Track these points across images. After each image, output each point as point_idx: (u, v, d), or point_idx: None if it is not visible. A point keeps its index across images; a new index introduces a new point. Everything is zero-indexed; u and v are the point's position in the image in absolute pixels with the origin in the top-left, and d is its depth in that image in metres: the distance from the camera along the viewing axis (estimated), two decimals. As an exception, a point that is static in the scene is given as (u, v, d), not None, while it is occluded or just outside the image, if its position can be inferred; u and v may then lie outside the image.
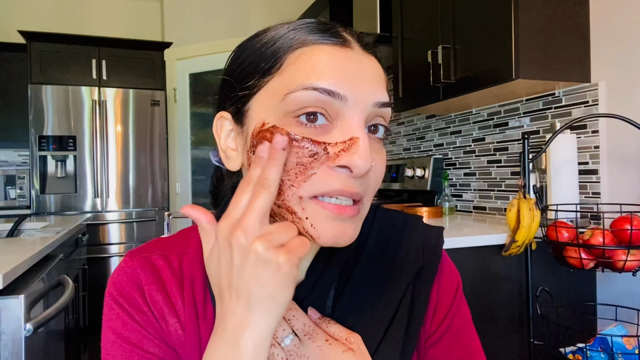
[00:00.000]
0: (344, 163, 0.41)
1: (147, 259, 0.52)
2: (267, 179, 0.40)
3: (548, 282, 1.40)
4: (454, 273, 0.58)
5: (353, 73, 0.43)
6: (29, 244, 1.46)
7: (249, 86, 0.46)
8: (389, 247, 0.53)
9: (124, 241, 3.46)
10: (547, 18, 1.46)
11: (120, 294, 0.50)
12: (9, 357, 1.06)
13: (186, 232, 0.56)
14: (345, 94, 0.42)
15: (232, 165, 0.49)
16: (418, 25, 1.97)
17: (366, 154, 0.41)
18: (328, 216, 0.42)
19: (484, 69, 1.56)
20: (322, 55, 0.43)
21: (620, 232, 1.13)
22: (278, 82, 0.44)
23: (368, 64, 0.45)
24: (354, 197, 0.43)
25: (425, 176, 2.25)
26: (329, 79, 0.42)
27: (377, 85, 0.45)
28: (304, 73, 0.42)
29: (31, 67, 3.31)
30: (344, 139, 0.42)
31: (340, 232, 0.43)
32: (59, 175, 3.37)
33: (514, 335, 1.41)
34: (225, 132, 0.50)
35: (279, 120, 0.43)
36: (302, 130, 0.42)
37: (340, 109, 0.42)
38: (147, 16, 4.21)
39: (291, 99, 0.42)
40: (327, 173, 0.42)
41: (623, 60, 1.44)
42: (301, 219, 0.43)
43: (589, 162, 1.54)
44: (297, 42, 0.44)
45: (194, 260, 0.52)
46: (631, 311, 1.29)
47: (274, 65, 0.44)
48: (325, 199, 0.42)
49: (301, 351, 0.44)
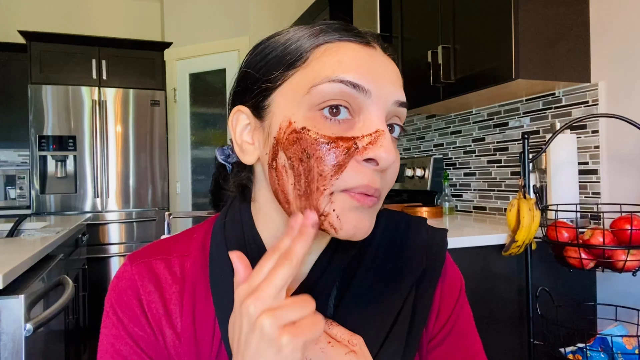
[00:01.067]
0: (372, 155, 0.42)
1: (147, 264, 0.52)
2: (292, 252, 0.39)
3: (548, 282, 1.40)
4: (457, 275, 0.58)
5: (376, 70, 0.45)
6: (29, 244, 1.46)
7: (272, 79, 0.46)
8: (393, 249, 0.53)
9: (124, 241, 3.46)
10: (547, 18, 1.46)
11: (118, 303, 0.50)
12: (9, 357, 1.06)
13: (189, 232, 0.56)
14: (369, 88, 0.43)
15: (248, 158, 0.49)
16: (418, 25, 1.97)
17: (391, 147, 0.42)
18: (353, 206, 0.43)
19: (484, 69, 1.56)
20: (348, 50, 0.45)
21: (620, 232, 1.13)
22: (303, 75, 0.44)
23: (390, 63, 0.47)
24: (375, 193, 0.44)
25: (425, 176, 2.25)
26: (355, 73, 0.43)
27: (397, 85, 0.46)
28: (330, 67, 0.43)
29: (31, 67, 3.31)
30: (369, 132, 0.43)
31: (359, 223, 0.44)
32: (59, 175, 3.37)
33: (514, 335, 1.41)
34: (241, 125, 0.50)
35: (304, 115, 0.43)
36: (326, 124, 0.43)
37: (364, 103, 0.44)
38: (147, 16, 4.21)
39: (316, 91, 0.43)
40: (355, 167, 0.43)
41: (623, 60, 1.44)
42: (328, 214, 0.43)
43: (589, 162, 1.54)
44: (322, 39, 0.45)
45: (196, 262, 0.52)
46: (631, 311, 1.29)
47: (300, 58, 0.45)
48: (351, 192, 0.43)
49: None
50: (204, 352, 0.48)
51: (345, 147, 0.42)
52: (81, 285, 2.35)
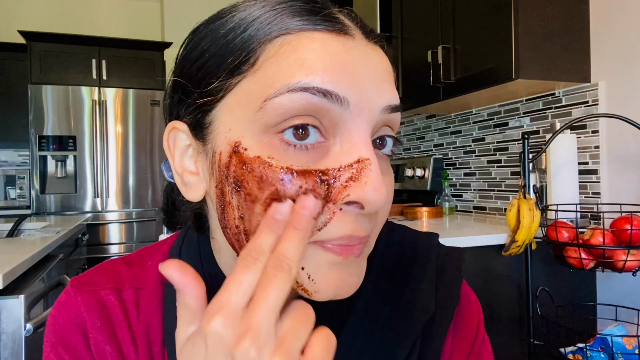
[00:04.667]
0: (354, 198, 0.31)
1: (94, 294, 0.41)
2: (286, 257, 0.28)
3: (548, 282, 1.40)
4: (473, 311, 0.46)
5: (355, 68, 0.32)
6: (29, 244, 1.46)
7: (211, 90, 0.34)
8: (393, 287, 0.42)
9: (124, 241, 3.45)
10: (547, 18, 1.46)
11: (60, 340, 0.41)
12: (9, 357, 1.06)
13: (144, 257, 0.45)
14: (346, 96, 0.31)
15: (193, 194, 0.37)
16: (418, 25, 1.97)
17: (380, 182, 0.31)
18: (331, 262, 0.32)
19: (484, 69, 1.56)
20: (313, 43, 0.32)
21: (620, 232, 1.13)
22: (252, 83, 0.32)
23: (374, 56, 0.34)
24: (362, 241, 0.33)
25: (425, 176, 2.25)
26: (324, 75, 0.30)
27: (386, 84, 0.34)
28: (288, 69, 0.31)
29: (31, 67, 3.30)
30: (349, 162, 0.31)
31: (343, 282, 0.33)
32: (59, 175, 3.37)
33: (514, 335, 1.41)
34: (180, 148, 0.37)
35: (257, 140, 0.31)
36: (289, 153, 0.31)
37: (339, 117, 0.31)
38: (147, 16, 4.20)
39: (272, 107, 0.31)
40: (332, 215, 0.31)
41: (623, 60, 1.44)
42: (297, 273, 0.31)
43: (589, 162, 1.54)
44: (276, 29, 0.32)
45: (152, 299, 0.41)
46: (631, 311, 1.29)
47: (246, 60, 0.32)
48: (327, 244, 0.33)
49: None
50: None
51: (315, 187, 0.31)
52: (81, 285, 2.35)
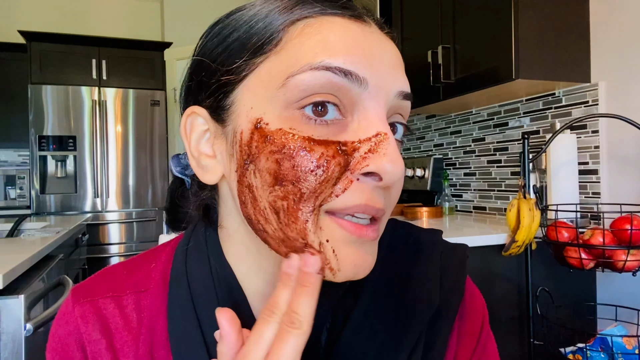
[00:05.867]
0: (373, 169, 0.32)
1: (93, 304, 0.42)
2: (298, 314, 0.30)
3: (548, 282, 1.40)
4: (478, 306, 0.47)
5: (373, 52, 0.34)
6: (29, 244, 1.46)
7: (234, 69, 0.35)
8: (398, 280, 0.42)
9: (124, 241, 3.46)
10: (547, 18, 1.46)
11: (59, 353, 0.42)
12: (9, 357, 1.06)
13: (147, 259, 0.45)
14: (365, 76, 0.32)
15: (209, 177, 0.38)
16: (418, 25, 1.97)
17: (397, 155, 0.32)
18: (347, 239, 0.33)
19: (484, 69, 1.56)
20: (334, 27, 0.33)
21: (620, 232, 1.13)
22: (275, 62, 0.33)
23: (389, 44, 0.36)
24: (377, 214, 0.34)
25: (425, 176, 2.25)
26: (345, 56, 0.32)
27: (400, 71, 0.36)
28: (312, 49, 0.32)
29: (31, 67, 3.30)
30: (367, 135, 0.33)
31: (361, 260, 0.34)
32: (59, 175, 3.37)
33: (514, 335, 1.41)
34: (197, 132, 0.38)
35: (279, 115, 0.33)
36: (310, 127, 0.32)
37: (358, 97, 0.33)
38: (147, 16, 4.20)
39: (295, 83, 0.32)
40: (348, 183, 0.32)
41: (623, 60, 1.44)
42: (322, 244, 0.33)
43: (589, 162, 1.54)
44: (299, 12, 0.34)
45: (154, 301, 0.41)
46: (631, 311, 1.29)
47: (270, 40, 0.34)
48: (340, 215, 0.33)
49: None
50: None
51: (333, 156, 0.32)
52: (81, 285, 2.35)
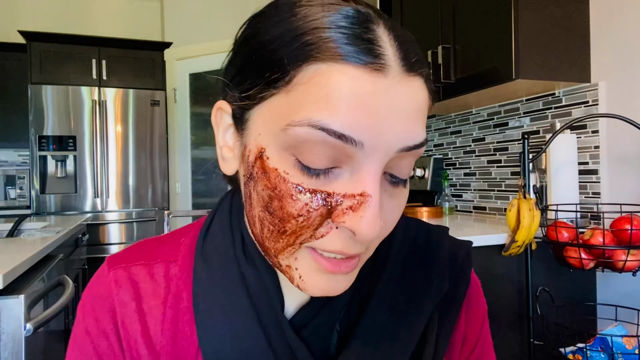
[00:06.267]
0: (349, 226, 0.34)
1: (126, 270, 0.46)
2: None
3: (548, 282, 1.40)
4: (481, 299, 0.52)
5: (379, 111, 0.32)
6: (29, 244, 1.46)
7: (250, 95, 0.36)
8: (410, 269, 0.46)
9: (124, 241, 3.45)
10: (547, 18, 1.46)
11: (90, 312, 0.45)
12: (9, 357, 1.06)
13: (177, 235, 0.49)
14: (361, 140, 0.32)
15: (227, 168, 0.41)
16: (418, 25, 1.97)
17: (375, 219, 0.33)
18: (320, 270, 0.36)
19: (484, 69, 1.56)
20: (344, 81, 0.32)
21: (620, 232, 1.13)
22: (283, 101, 0.34)
23: (405, 94, 0.34)
24: (353, 257, 0.37)
25: (425, 176, 2.25)
26: (344, 119, 0.32)
27: (411, 125, 0.34)
28: (314, 102, 0.32)
29: (31, 67, 3.30)
30: (353, 192, 0.34)
31: (330, 287, 0.37)
32: (59, 175, 3.36)
33: (514, 335, 1.41)
34: (224, 125, 0.41)
35: (278, 154, 0.34)
36: (301, 177, 0.34)
37: (354, 154, 0.33)
38: (147, 16, 4.20)
39: (292, 133, 0.33)
40: (329, 229, 0.35)
41: (623, 60, 1.44)
42: (289, 267, 0.37)
43: (589, 162, 1.54)
44: (316, 50, 0.32)
45: (182, 272, 0.45)
46: (631, 311, 1.29)
47: (282, 77, 0.33)
48: (319, 250, 0.36)
49: None
50: None
51: (317, 207, 0.34)
52: (81, 285, 2.35)
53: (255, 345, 0.40)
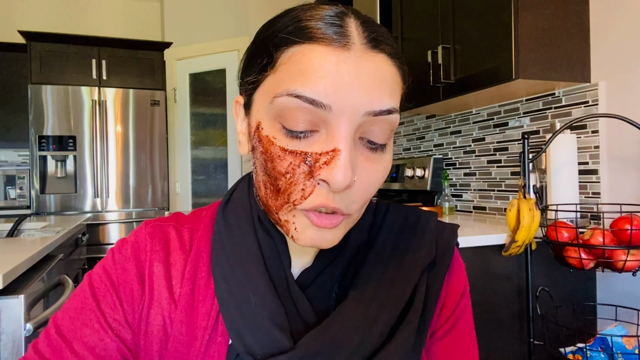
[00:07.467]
0: (323, 177, 0.40)
1: (160, 227, 0.54)
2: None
3: (548, 282, 1.40)
4: (462, 274, 0.57)
5: (343, 79, 0.40)
6: (29, 244, 1.46)
7: (251, 80, 0.45)
8: (401, 240, 0.53)
9: (124, 241, 3.45)
10: (547, 18, 1.46)
11: (120, 258, 0.51)
12: (9, 357, 1.06)
13: (199, 211, 0.59)
14: (328, 103, 0.39)
15: (242, 149, 0.49)
16: (418, 25, 1.97)
17: (345, 169, 0.40)
18: (309, 225, 0.43)
19: (484, 69, 1.56)
20: (314, 57, 0.40)
21: (620, 232, 1.13)
22: (272, 81, 0.42)
23: (368, 66, 0.41)
24: (335, 211, 0.42)
25: (425, 176, 2.25)
26: (314, 86, 0.39)
27: (374, 92, 0.41)
28: (291, 77, 0.40)
29: (31, 67, 3.31)
30: (327, 149, 0.41)
31: (320, 238, 0.44)
32: (59, 175, 3.37)
33: (514, 335, 1.41)
34: (240, 115, 0.50)
35: (269, 124, 0.43)
36: (285, 140, 0.42)
37: (326, 117, 0.40)
38: (147, 16, 4.20)
39: (276, 103, 0.41)
40: (312, 188, 0.42)
41: (623, 60, 1.44)
42: (287, 222, 0.44)
43: (589, 162, 1.54)
44: (292, 37, 0.41)
45: (203, 236, 0.54)
46: (631, 311, 1.29)
47: (269, 62, 0.43)
48: (310, 209, 0.43)
49: None
50: (199, 322, 0.48)
51: (299, 164, 0.41)
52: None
53: (264, 292, 0.46)
